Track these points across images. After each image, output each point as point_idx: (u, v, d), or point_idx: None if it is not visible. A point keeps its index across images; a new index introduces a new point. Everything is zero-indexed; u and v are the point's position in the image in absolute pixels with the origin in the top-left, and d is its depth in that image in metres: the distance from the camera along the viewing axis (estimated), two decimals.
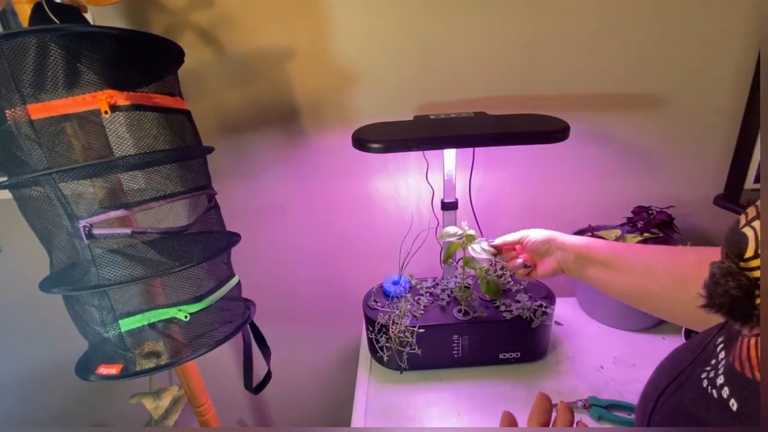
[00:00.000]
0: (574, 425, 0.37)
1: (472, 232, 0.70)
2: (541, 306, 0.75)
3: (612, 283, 0.54)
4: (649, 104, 0.84)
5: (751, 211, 0.28)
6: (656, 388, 0.36)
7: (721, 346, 0.31)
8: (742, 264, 0.25)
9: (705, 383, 0.30)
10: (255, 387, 0.75)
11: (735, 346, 0.29)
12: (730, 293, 0.24)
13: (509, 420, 0.41)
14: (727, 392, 0.28)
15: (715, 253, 0.36)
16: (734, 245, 0.26)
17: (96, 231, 0.54)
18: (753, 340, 0.27)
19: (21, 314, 1.08)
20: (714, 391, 0.29)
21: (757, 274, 0.25)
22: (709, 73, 0.81)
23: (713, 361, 0.31)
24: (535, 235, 0.64)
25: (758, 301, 0.24)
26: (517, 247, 0.68)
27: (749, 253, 0.25)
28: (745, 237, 0.26)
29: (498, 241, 0.69)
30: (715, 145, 0.86)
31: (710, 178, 0.89)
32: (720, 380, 0.29)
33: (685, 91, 0.83)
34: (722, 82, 0.81)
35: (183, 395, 0.98)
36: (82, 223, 0.53)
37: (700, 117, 0.84)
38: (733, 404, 0.27)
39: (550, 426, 0.37)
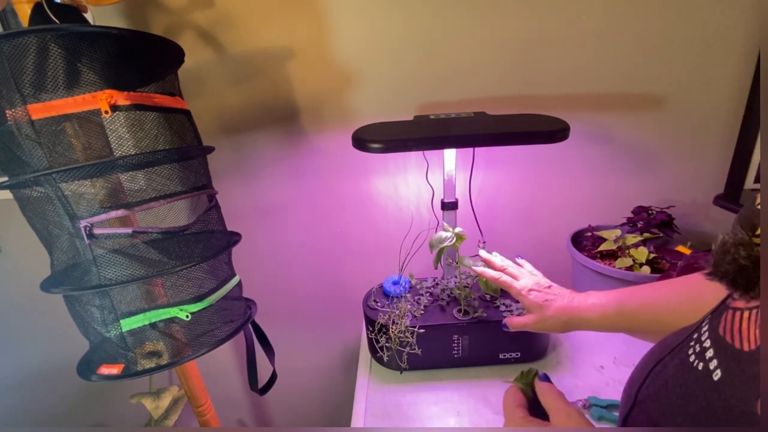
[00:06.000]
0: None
1: (459, 229, 0.70)
2: None
3: (637, 336, 0.54)
4: (649, 104, 0.84)
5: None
6: (642, 371, 0.36)
7: (707, 319, 0.32)
8: (754, 238, 0.26)
9: (692, 358, 0.30)
10: (261, 388, 0.75)
11: (722, 319, 0.29)
12: (739, 262, 0.25)
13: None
14: (715, 363, 0.28)
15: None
16: (748, 220, 0.26)
17: (97, 231, 0.54)
18: (747, 314, 0.27)
19: (21, 314, 1.08)
20: (700, 364, 0.29)
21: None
22: (709, 73, 0.81)
23: (696, 335, 0.31)
24: (547, 312, 0.59)
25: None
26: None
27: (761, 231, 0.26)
28: (758, 213, 0.26)
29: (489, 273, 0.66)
30: (715, 145, 0.86)
31: (710, 178, 0.89)
32: (709, 353, 0.29)
33: (685, 91, 0.83)
34: (722, 82, 0.82)
35: (183, 395, 0.98)
36: (83, 223, 0.53)
37: (700, 117, 0.85)
38: (717, 375, 0.27)
39: None
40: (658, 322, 0.49)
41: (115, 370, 0.59)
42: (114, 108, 0.53)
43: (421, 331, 0.73)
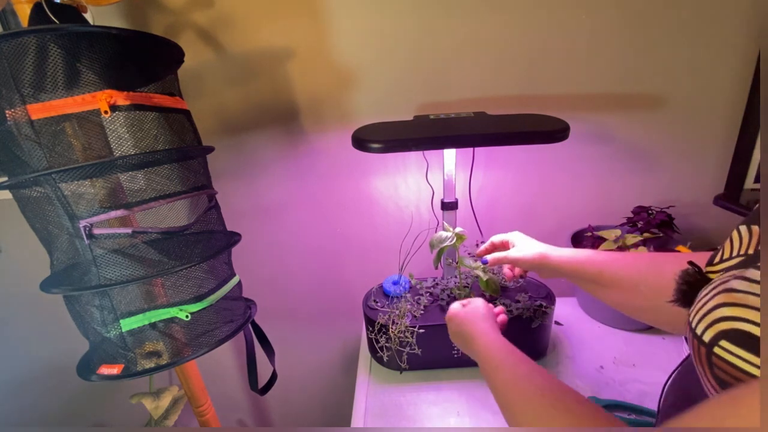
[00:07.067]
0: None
1: (460, 229, 0.70)
2: (541, 306, 0.75)
3: (599, 296, 0.56)
4: (649, 104, 0.84)
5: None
6: (664, 385, 0.41)
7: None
8: (707, 268, 0.33)
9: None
10: (261, 388, 0.75)
11: None
12: (681, 288, 0.33)
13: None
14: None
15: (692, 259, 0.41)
16: (713, 255, 0.34)
17: (96, 231, 0.54)
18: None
19: (21, 314, 1.08)
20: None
21: (712, 276, 0.32)
22: (709, 73, 0.81)
23: None
24: (524, 253, 0.63)
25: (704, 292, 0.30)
26: (506, 265, 0.70)
27: (716, 260, 0.33)
28: (720, 248, 0.34)
29: (489, 258, 0.69)
30: (715, 145, 0.86)
31: (710, 178, 0.89)
32: None
33: (685, 91, 0.83)
34: (722, 82, 0.82)
35: (183, 395, 0.98)
36: (82, 223, 0.53)
37: (700, 117, 0.85)
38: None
39: None
40: (623, 273, 0.53)
41: (115, 370, 0.59)
42: (113, 108, 0.53)
43: (421, 331, 0.73)
